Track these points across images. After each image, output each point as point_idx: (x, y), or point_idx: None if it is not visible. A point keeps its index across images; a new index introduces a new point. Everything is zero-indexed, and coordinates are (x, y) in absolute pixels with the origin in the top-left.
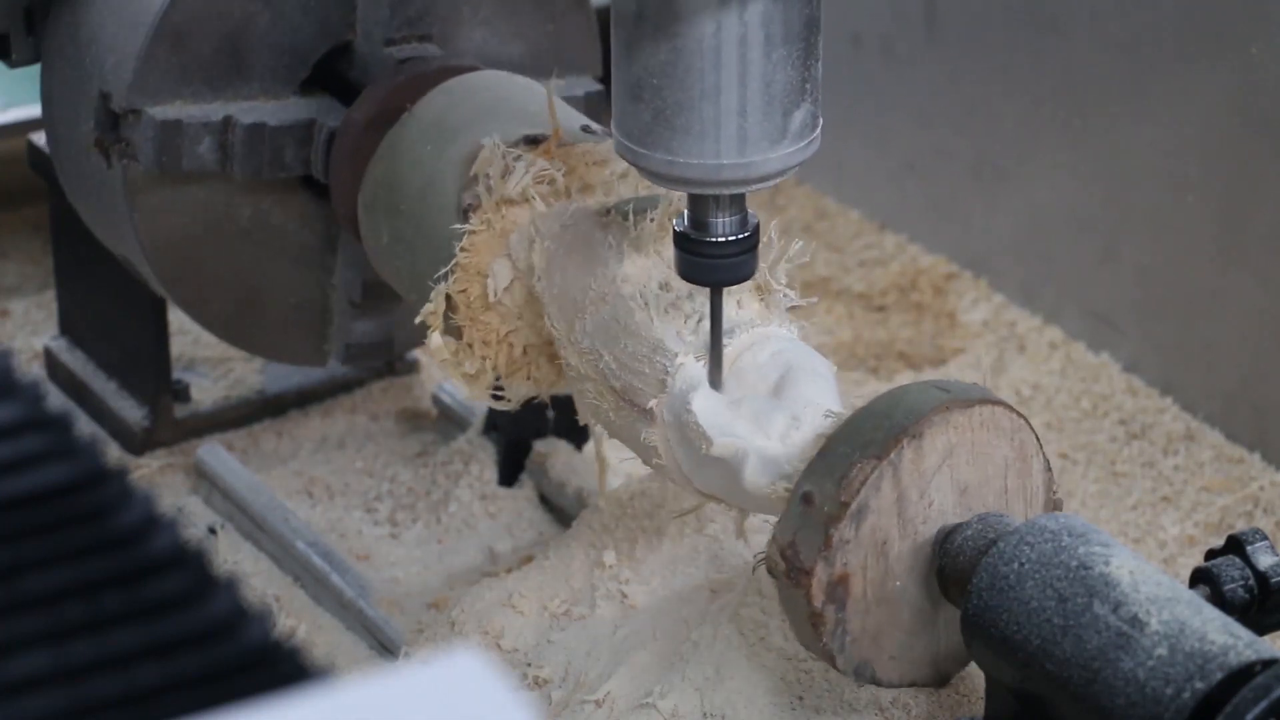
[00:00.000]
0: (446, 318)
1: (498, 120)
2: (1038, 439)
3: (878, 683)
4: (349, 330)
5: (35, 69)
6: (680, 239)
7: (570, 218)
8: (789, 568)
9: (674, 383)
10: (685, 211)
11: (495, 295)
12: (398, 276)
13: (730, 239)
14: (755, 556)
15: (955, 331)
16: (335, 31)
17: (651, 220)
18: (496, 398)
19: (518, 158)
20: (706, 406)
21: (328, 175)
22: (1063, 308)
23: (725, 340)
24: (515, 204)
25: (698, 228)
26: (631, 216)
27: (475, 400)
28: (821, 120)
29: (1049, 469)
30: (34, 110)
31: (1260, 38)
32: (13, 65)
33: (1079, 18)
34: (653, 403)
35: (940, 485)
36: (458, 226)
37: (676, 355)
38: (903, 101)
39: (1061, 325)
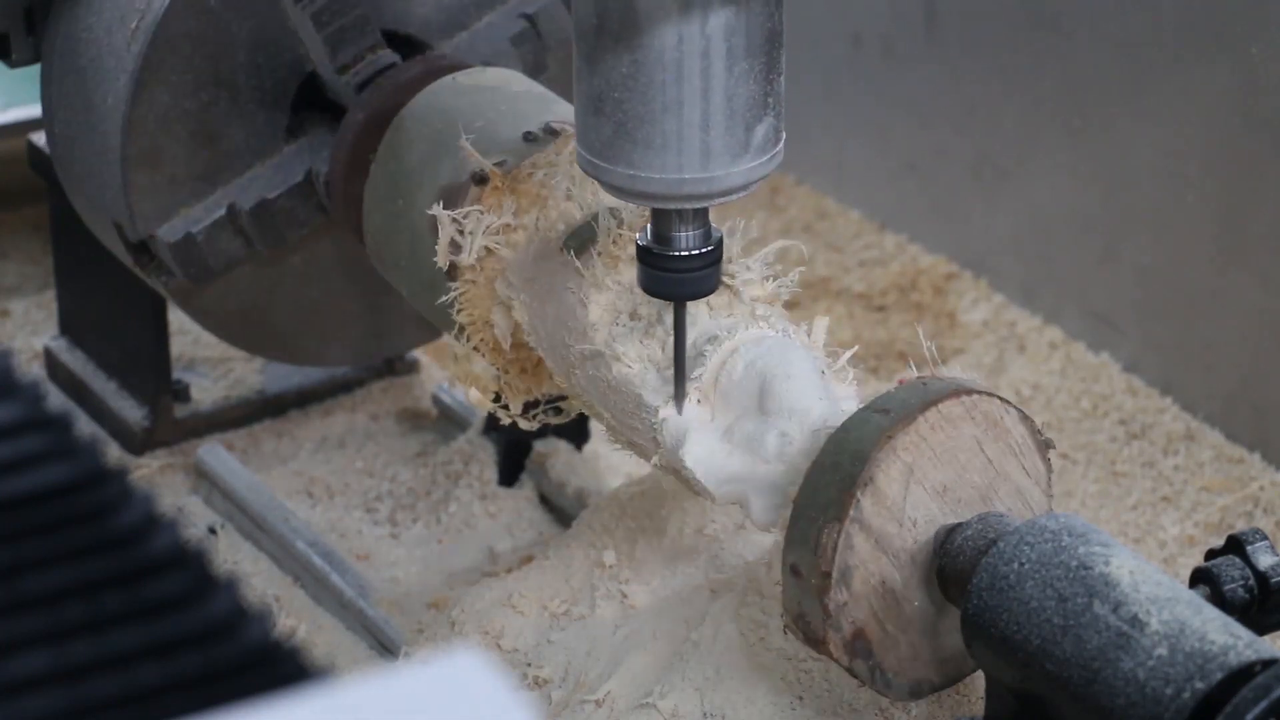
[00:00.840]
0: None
1: (448, 157)
2: (1001, 398)
3: (937, 689)
4: None
5: (35, 69)
6: (643, 253)
7: (533, 267)
8: (807, 637)
9: (663, 439)
10: (648, 226)
11: (507, 344)
12: (430, 320)
13: (693, 253)
14: (782, 615)
15: (955, 331)
16: (298, 68)
17: (598, 254)
18: (554, 412)
19: (465, 215)
20: (699, 457)
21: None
22: (1063, 308)
23: (700, 358)
24: (486, 256)
25: (660, 242)
26: (576, 259)
27: (534, 425)
28: (784, 134)
29: (1026, 417)
30: (34, 110)
31: (1260, 38)
32: (13, 65)
33: (1079, 18)
34: (655, 460)
35: (915, 502)
36: (444, 299)
37: (658, 409)
38: (903, 101)
39: (1061, 325)
